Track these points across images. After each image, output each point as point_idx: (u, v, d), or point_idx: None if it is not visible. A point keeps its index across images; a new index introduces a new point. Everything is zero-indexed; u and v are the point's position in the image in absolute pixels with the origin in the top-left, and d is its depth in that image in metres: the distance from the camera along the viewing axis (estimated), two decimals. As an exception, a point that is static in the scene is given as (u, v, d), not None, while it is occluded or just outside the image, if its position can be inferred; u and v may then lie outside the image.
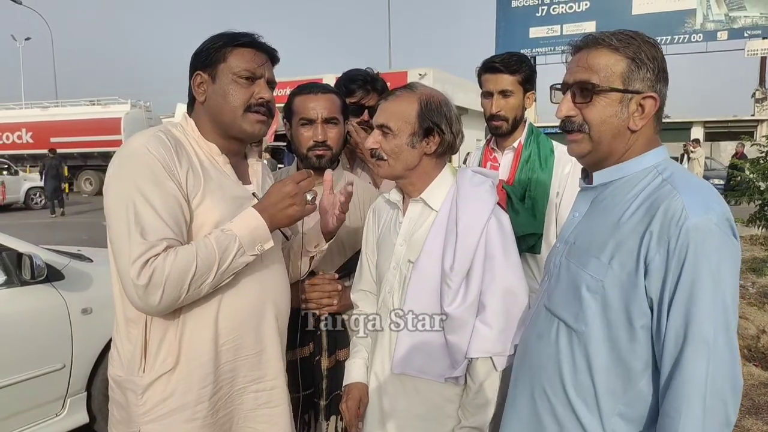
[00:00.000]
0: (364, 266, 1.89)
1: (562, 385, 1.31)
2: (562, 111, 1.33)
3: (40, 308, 3.09)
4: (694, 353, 1.12)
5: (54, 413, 3.18)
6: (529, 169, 2.27)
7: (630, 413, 1.24)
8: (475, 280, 1.59)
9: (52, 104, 27.21)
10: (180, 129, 1.62)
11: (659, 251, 1.16)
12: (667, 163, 1.30)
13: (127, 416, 1.55)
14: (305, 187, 1.57)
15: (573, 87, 1.31)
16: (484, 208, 1.62)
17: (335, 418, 1.97)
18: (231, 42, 1.59)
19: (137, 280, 1.37)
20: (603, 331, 1.25)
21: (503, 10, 23.54)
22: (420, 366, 1.65)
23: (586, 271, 1.28)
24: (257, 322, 1.64)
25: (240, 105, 1.58)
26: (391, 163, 1.66)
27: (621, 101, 1.27)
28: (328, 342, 1.98)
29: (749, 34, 20.90)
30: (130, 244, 1.40)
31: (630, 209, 1.25)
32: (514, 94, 2.28)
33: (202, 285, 1.46)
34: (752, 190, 5.55)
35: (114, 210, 1.45)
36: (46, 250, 3.39)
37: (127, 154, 1.49)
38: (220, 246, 1.47)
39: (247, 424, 1.66)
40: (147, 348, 1.52)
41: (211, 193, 1.54)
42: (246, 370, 1.63)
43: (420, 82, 1.78)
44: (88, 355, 3.27)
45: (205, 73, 1.60)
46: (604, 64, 1.27)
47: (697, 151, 18.14)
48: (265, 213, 1.55)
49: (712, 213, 1.15)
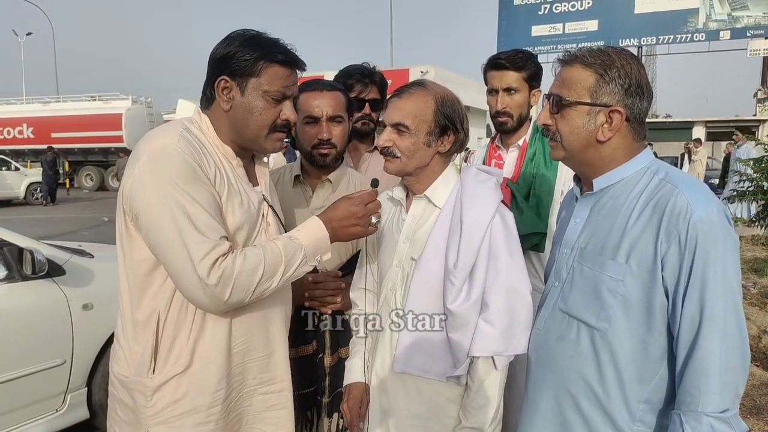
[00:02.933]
0: (364, 264, 1.88)
1: (587, 383, 1.39)
2: (540, 120, 1.47)
3: (41, 303, 3.08)
4: (709, 335, 1.23)
5: (54, 409, 3.17)
6: (533, 167, 2.25)
7: (653, 398, 1.34)
8: (478, 278, 1.58)
9: (53, 99, 27.25)
10: (197, 127, 1.57)
11: (672, 245, 1.27)
12: (657, 164, 1.41)
13: (134, 417, 1.52)
14: (372, 210, 1.60)
15: (551, 98, 1.44)
16: (489, 206, 1.61)
17: (337, 415, 1.96)
18: (268, 57, 1.52)
19: (207, 279, 1.37)
20: (626, 326, 1.34)
21: (505, 8, 23.45)
22: (422, 365, 1.64)
23: (605, 272, 1.36)
24: (267, 325, 1.63)
25: (266, 126, 1.55)
26: (403, 161, 1.65)
27: (588, 113, 1.38)
28: (331, 340, 1.97)
29: (752, 34, 20.82)
30: (190, 243, 1.37)
31: (636, 209, 1.35)
32: (519, 91, 2.27)
33: (266, 289, 1.47)
34: (755, 190, 5.54)
35: (157, 210, 1.39)
36: (47, 245, 3.39)
37: (158, 154, 1.43)
38: (287, 253, 1.49)
39: (255, 426, 1.65)
40: (158, 350, 1.49)
41: (231, 197, 1.53)
42: (256, 373, 1.62)
43: (428, 79, 1.76)
44: (89, 351, 3.27)
45: (233, 81, 1.52)
46: (576, 78, 1.39)
47: (699, 152, 18.09)
48: (329, 225, 1.57)
49: (712, 206, 1.27)
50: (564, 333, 1.45)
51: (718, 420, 1.23)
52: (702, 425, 1.23)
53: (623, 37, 21.57)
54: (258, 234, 1.60)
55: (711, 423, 1.23)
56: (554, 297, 1.51)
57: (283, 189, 2.09)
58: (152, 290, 1.50)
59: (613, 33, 21.32)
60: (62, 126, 23.85)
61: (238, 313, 1.54)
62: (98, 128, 23.24)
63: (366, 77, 2.46)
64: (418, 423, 1.65)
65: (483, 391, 1.59)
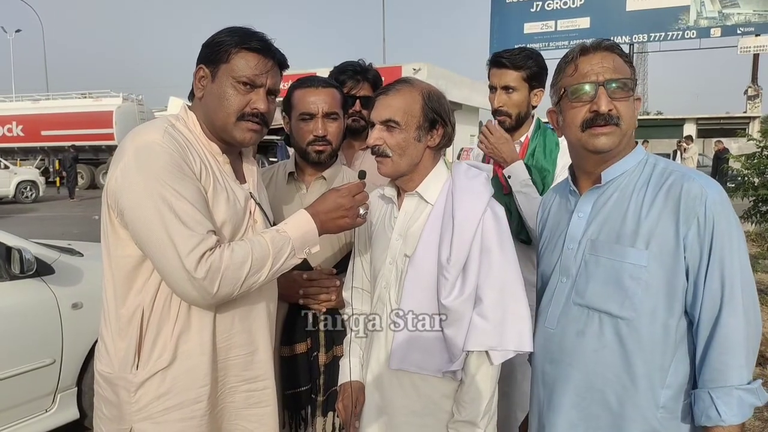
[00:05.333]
0: (357, 263, 1.87)
1: (616, 375, 1.40)
2: (603, 107, 1.44)
3: (30, 303, 3.05)
4: (732, 310, 1.29)
5: (44, 409, 3.14)
6: (534, 161, 2.25)
7: (673, 383, 1.38)
8: (471, 272, 1.58)
9: (43, 97, 27.02)
10: (183, 123, 1.57)
11: (692, 226, 1.33)
12: (653, 156, 1.49)
13: (118, 413, 1.52)
14: (360, 201, 1.60)
15: (614, 82, 1.46)
16: (480, 201, 1.62)
17: (332, 413, 1.95)
18: (239, 43, 1.52)
19: (195, 272, 1.37)
20: (649, 313, 1.37)
21: (498, 5, 23.50)
22: (418, 361, 1.63)
23: (626, 260, 1.39)
24: (250, 322, 1.62)
25: (233, 112, 1.53)
26: (395, 159, 1.64)
27: (634, 100, 1.47)
28: (326, 338, 1.96)
29: (742, 31, 20.97)
30: (177, 237, 1.37)
31: (647, 197, 1.40)
32: (517, 90, 2.25)
33: (254, 283, 1.47)
34: (747, 186, 5.57)
35: (143, 205, 1.39)
36: (35, 243, 3.36)
37: (143, 150, 1.42)
38: (275, 246, 1.49)
39: (238, 422, 1.65)
40: (142, 345, 1.49)
41: (217, 193, 1.52)
42: (238, 370, 1.61)
43: (413, 76, 1.77)
44: (79, 351, 3.24)
45: (207, 69, 1.54)
46: (622, 65, 1.45)
47: (690, 149, 18.23)
48: (317, 218, 1.57)
49: (720, 190, 1.36)
50: (584, 327, 1.45)
51: (746, 391, 1.28)
52: (733, 398, 1.28)
53: (615, 34, 21.66)
54: (245, 231, 1.59)
55: (740, 395, 1.28)
56: (565, 293, 1.51)
57: (277, 186, 2.07)
58: (137, 286, 1.49)
59: (605, 30, 21.39)
60: (52, 124, 23.68)
61: (221, 310, 1.54)
62: (89, 126, 23.08)
63: (358, 74, 2.44)
64: (414, 420, 1.65)
65: (476, 385, 1.59)
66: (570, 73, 1.45)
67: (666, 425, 1.37)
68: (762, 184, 5.50)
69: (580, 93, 1.42)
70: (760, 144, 5.62)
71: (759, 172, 5.57)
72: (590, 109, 1.41)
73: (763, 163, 5.58)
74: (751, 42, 20.95)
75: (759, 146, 5.65)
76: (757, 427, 3.44)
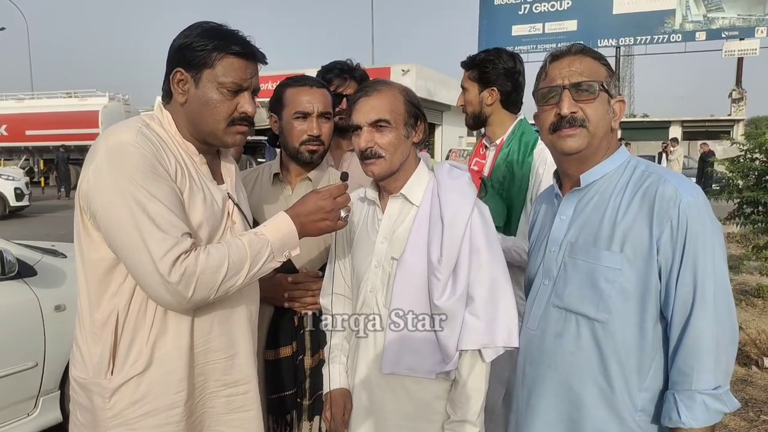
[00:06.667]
0: (336, 268, 1.84)
1: (591, 377, 1.41)
2: (565, 109, 1.47)
3: (11, 305, 3.00)
4: (701, 314, 1.29)
5: (26, 413, 3.10)
6: (506, 165, 2.27)
7: (652, 386, 1.37)
8: (462, 272, 1.58)
9: (27, 96, 26.67)
10: (158, 123, 1.53)
11: (665, 229, 1.33)
12: (635, 159, 1.49)
13: (92, 420, 1.48)
14: (341, 204, 1.57)
15: (577, 86, 1.49)
16: (467, 201, 1.62)
17: (318, 417, 1.93)
18: (223, 48, 1.48)
19: (169, 276, 1.34)
20: (624, 315, 1.37)
21: (486, 7, 23.63)
22: (410, 364, 1.62)
23: (600, 263, 1.40)
24: (231, 325, 1.59)
25: (223, 119, 1.51)
26: (388, 159, 1.63)
27: (608, 102, 1.49)
28: (311, 341, 1.93)
29: (727, 35, 21.25)
30: (150, 240, 1.34)
31: (624, 200, 1.40)
32: (467, 90, 2.35)
33: (231, 287, 1.44)
34: (731, 188, 5.63)
35: (115, 207, 1.36)
36: (17, 245, 3.30)
37: (115, 150, 1.38)
38: (253, 249, 1.46)
39: (218, 429, 1.61)
40: (117, 350, 1.46)
41: (193, 194, 1.49)
42: (218, 374, 1.58)
43: (382, 78, 1.80)
44: (62, 353, 3.18)
45: (187, 73, 1.49)
46: (593, 68, 1.48)
47: (676, 151, 18.41)
48: (297, 220, 1.54)
49: (698, 192, 1.35)
50: (562, 329, 1.46)
51: (711, 397, 1.27)
52: (696, 403, 1.27)
53: (602, 37, 21.87)
54: (223, 233, 1.56)
55: (704, 400, 1.27)
56: (546, 295, 1.53)
57: (262, 188, 2.05)
58: (111, 290, 1.46)
59: (592, 33, 21.60)
60: (37, 123, 23.42)
61: (199, 313, 1.51)
62: (74, 126, 22.82)
63: (345, 72, 2.43)
64: (405, 423, 1.64)
65: (470, 384, 1.60)
66: (542, 78, 1.50)
67: (644, 428, 1.37)
68: (746, 186, 5.56)
69: (547, 97, 1.47)
70: (744, 148, 5.69)
71: (743, 174, 5.64)
72: (556, 112, 1.45)
73: (746, 166, 5.64)
74: (736, 46, 21.23)
75: (742, 149, 5.71)
76: (743, 427, 3.47)
